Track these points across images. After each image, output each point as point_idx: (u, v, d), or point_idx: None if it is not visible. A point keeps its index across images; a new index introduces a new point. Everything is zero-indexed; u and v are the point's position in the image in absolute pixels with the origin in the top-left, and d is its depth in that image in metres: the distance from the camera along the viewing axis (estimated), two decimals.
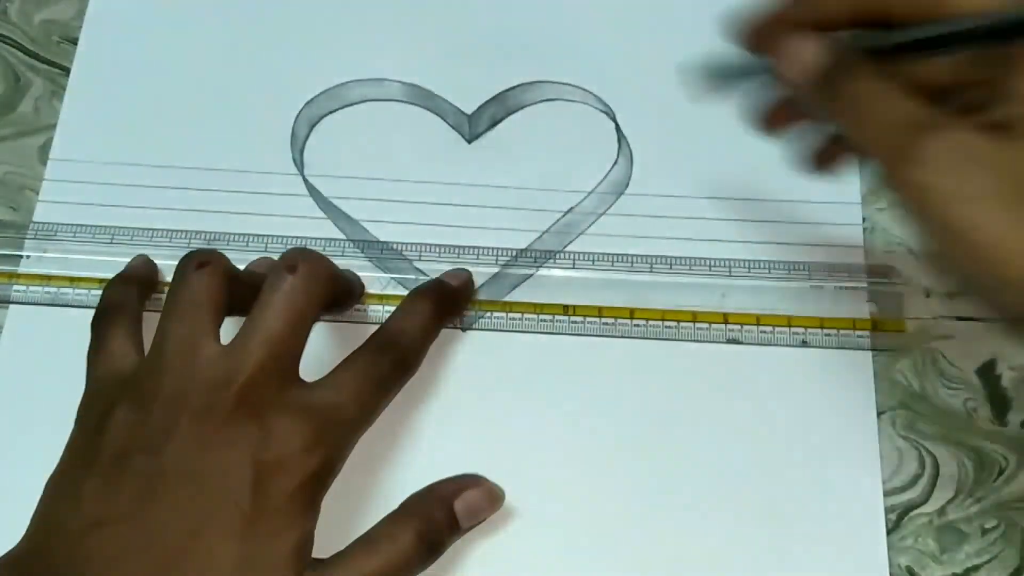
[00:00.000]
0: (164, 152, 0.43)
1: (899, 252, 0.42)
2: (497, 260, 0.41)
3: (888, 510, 0.37)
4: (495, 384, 0.39)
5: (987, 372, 0.40)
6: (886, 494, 0.38)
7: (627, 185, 0.43)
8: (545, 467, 0.38)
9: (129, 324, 0.36)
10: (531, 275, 0.41)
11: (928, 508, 0.38)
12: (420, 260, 0.41)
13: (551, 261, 0.41)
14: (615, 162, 0.43)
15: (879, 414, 0.39)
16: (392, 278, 0.41)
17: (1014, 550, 0.37)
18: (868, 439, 0.38)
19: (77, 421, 0.34)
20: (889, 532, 0.37)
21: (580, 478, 0.38)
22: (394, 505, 0.34)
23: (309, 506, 0.32)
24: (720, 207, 0.42)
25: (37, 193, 0.43)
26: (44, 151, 0.44)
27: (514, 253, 0.41)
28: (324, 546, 0.33)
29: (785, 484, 0.38)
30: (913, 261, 0.41)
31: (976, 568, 0.37)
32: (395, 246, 0.41)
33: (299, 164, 0.43)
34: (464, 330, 0.40)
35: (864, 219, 0.42)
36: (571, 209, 0.42)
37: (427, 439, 0.38)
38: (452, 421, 0.39)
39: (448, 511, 0.34)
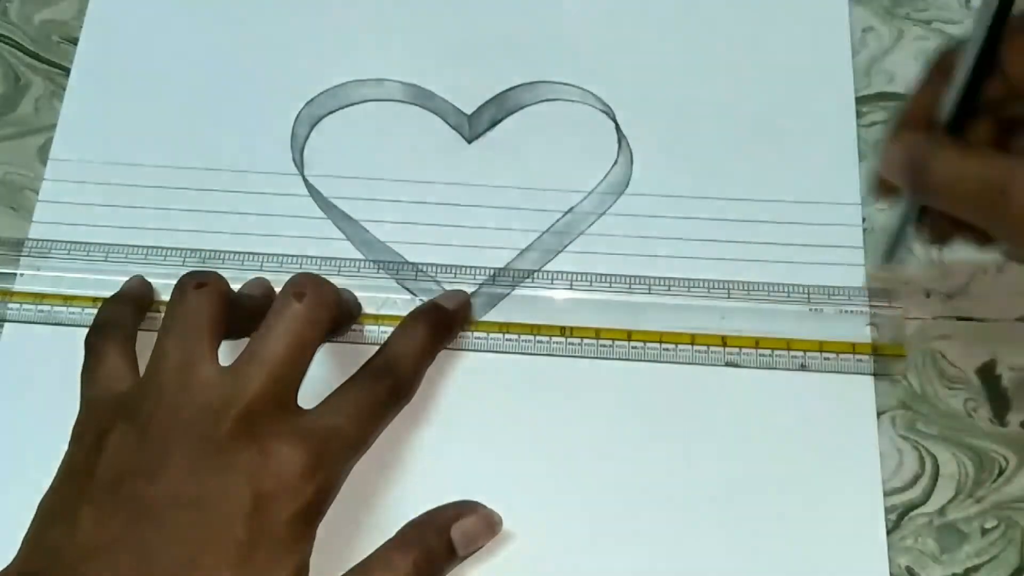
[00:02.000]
0: (164, 152, 0.43)
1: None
2: (495, 280, 0.41)
3: (888, 510, 0.37)
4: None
5: (987, 372, 0.40)
6: (886, 494, 0.38)
7: (627, 185, 0.43)
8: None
9: (123, 342, 0.36)
10: (528, 294, 0.40)
11: (928, 508, 0.38)
12: (416, 281, 0.41)
13: (549, 281, 0.41)
14: (615, 162, 0.43)
15: (879, 414, 0.39)
16: (388, 297, 0.40)
17: (1014, 550, 0.37)
18: (868, 439, 0.38)
19: (72, 442, 0.34)
20: (889, 532, 0.37)
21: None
22: (390, 532, 0.34)
23: (306, 534, 0.32)
24: (720, 207, 0.42)
25: (37, 193, 0.43)
26: (44, 151, 0.44)
27: (512, 273, 0.41)
28: (320, 574, 0.32)
29: (784, 485, 0.38)
30: (914, 261, 0.41)
31: (976, 568, 0.37)
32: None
33: (299, 164, 0.43)
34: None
35: (864, 219, 0.42)
36: (571, 209, 0.42)
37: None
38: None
39: (445, 539, 0.34)
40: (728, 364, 0.39)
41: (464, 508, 0.35)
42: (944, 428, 0.39)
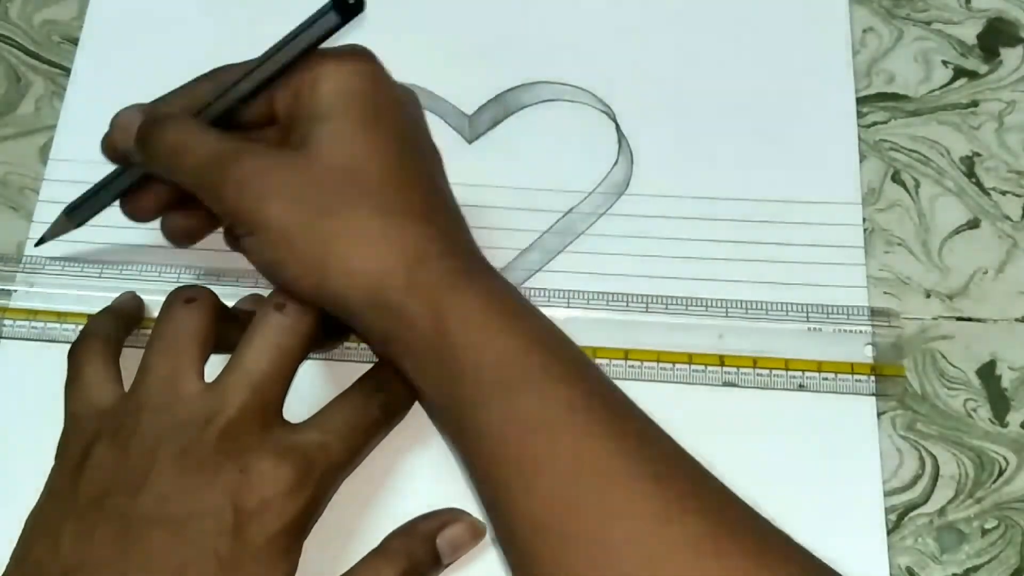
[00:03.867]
0: None
1: (899, 253, 0.42)
2: None
3: (888, 510, 0.37)
4: None
5: (987, 372, 0.40)
6: (886, 494, 0.38)
7: (627, 185, 0.43)
8: None
9: (105, 353, 0.36)
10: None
11: (928, 508, 0.38)
12: None
13: (546, 299, 0.40)
14: (615, 162, 0.43)
15: (879, 414, 0.39)
16: None
17: (1014, 550, 0.37)
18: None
19: (57, 457, 0.34)
20: (889, 532, 0.37)
21: None
22: (375, 542, 0.34)
23: (289, 551, 0.32)
24: (720, 207, 0.42)
25: (37, 193, 0.43)
26: (44, 151, 0.44)
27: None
28: None
29: (785, 484, 0.37)
30: (912, 261, 0.41)
31: (976, 568, 0.37)
32: None
33: None
34: None
35: (864, 219, 0.42)
36: (571, 209, 0.42)
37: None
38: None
39: (431, 548, 0.34)
40: (726, 384, 0.39)
41: (449, 516, 0.35)
42: (944, 428, 0.39)
